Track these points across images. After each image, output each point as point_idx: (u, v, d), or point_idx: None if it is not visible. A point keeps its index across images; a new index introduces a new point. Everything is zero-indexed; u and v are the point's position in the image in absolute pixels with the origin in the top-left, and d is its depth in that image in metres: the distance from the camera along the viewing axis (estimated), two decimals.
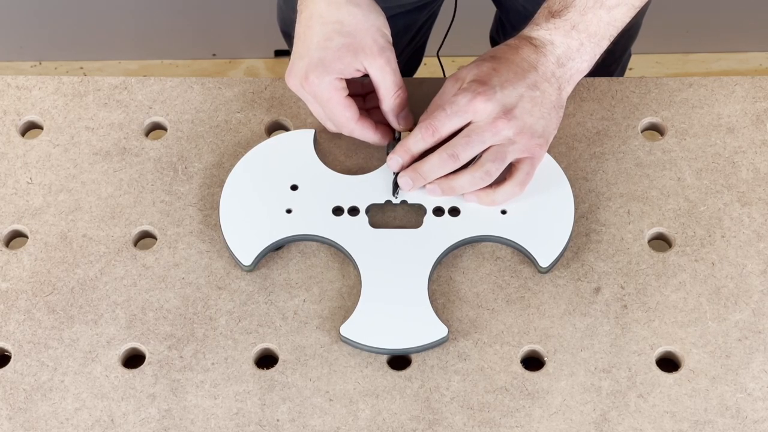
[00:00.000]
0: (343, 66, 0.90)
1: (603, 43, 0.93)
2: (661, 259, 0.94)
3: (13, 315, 0.92)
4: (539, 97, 0.91)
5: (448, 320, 0.91)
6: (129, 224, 0.96)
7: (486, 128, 0.90)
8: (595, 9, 0.91)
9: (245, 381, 0.89)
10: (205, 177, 0.99)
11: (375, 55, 0.91)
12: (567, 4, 0.92)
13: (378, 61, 0.91)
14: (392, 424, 0.87)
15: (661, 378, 0.88)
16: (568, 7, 0.92)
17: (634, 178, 0.98)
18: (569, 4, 0.92)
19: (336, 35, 0.90)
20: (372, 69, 0.91)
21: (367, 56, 0.90)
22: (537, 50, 0.92)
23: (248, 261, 0.93)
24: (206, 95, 1.03)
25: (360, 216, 0.95)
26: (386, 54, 0.91)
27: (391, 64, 0.92)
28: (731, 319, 0.91)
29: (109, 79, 1.05)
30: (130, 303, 0.92)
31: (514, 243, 0.93)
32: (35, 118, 1.03)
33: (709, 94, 1.02)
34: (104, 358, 0.90)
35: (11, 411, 0.88)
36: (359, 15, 0.91)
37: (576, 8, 0.92)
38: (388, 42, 0.92)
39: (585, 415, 0.87)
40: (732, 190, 0.97)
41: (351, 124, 0.93)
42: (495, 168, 0.91)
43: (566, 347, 0.90)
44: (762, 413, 0.86)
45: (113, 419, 0.87)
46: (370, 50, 0.90)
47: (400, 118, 0.95)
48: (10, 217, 0.97)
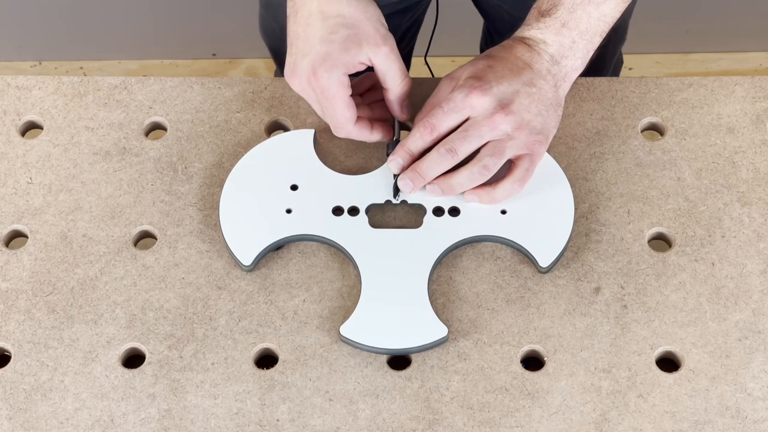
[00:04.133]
0: (349, 58, 0.90)
1: (595, 40, 0.94)
2: (661, 259, 0.94)
3: (13, 315, 0.92)
4: (536, 94, 0.91)
5: (448, 320, 0.91)
6: (129, 224, 0.96)
7: (483, 123, 0.90)
8: (583, 5, 0.92)
9: (245, 381, 0.89)
10: (205, 177, 0.99)
11: (379, 43, 0.91)
12: (556, 2, 0.93)
13: (383, 49, 0.91)
14: (392, 424, 0.87)
15: (661, 378, 0.88)
16: (557, 6, 0.93)
17: (634, 178, 0.98)
18: (558, 3, 0.92)
19: (340, 28, 0.90)
20: (377, 58, 0.91)
21: (372, 45, 0.90)
22: (530, 49, 0.93)
23: (248, 261, 0.93)
24: (206, 95, 1.03)
25: (360, 216, 0.95)
26: (389, 42, 0.92)
27: (394, 52, 0.92)
28: (731, 319, 0.91)
29: (109, 79, 1.05)
30: (130, 303, 0.92)
31: (514, 243, 0.93)
32: (35, 118, 1.03)
33: (709, 94, 1.02)
34: (104, 358, 0.90)
35: (11, 411, 0.88)
36: (359, 6, 0.91)
37: (564, 6, 0.92)
38: (387, 30, 0.92)
39: (585, 415, 0.87)
40: (732, 190, 0.97)
41: (349, 125, 0.93)
42: (493, 162, 0.91)
43: (566, 347, 0.90)
44: (762, 413, 0.86)
45: (113, 419, 0.87)
46: (374, 39, 0.91)
47: (404, 107, 0.95)
48: (10, 217, 0.97)
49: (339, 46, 0.90)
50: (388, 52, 0.91)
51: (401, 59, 0.93)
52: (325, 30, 0.91)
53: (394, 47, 0.92)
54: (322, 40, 0.90)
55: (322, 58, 0.90)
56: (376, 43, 0.91)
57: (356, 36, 0.90)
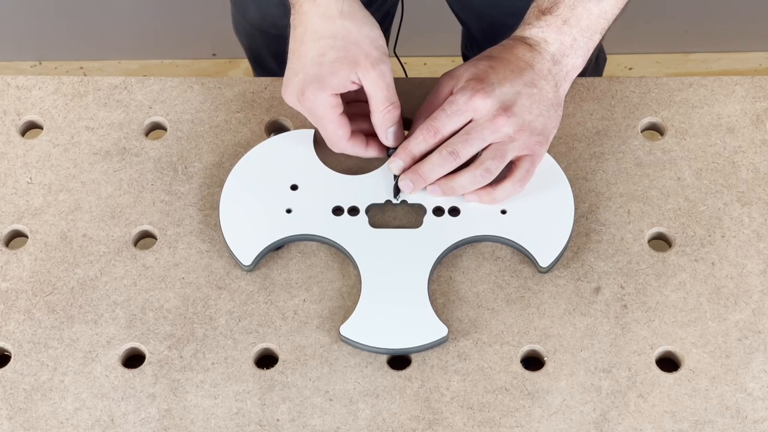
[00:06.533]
0: (338, 80, 0.89)
1: (595, 37, 0.94)
2: (661, 259, 0.94)
3: (13, 315, 0.92)
4: (537, 95, 0.91)
5: (448, 320, 0.91)
6: (129, 224, 0.96)
7: (486, 125, 0.90)
8: (584, 2, 0.92)
9: (245, 381, 0.89)
10: (205, 177, 0.99)
11: (368, 68, 0.90)
12: (556, 0, 0.92)
13: (371, 74, 0.90)
14: (392, 424, 0.87)
15: (661, 378, 0.88)
16: (558, 4, 0.92)
17: (634, 178, 0.98)
18: (558, 1, 0.92)
19: (330, 50, 0.90)
20: (365, 81, 0.90)
21: (361, 69, 0.89)
22: (531, 49, 0.93)
23: (248, 261, 0.93)
24: (206, 95, 1.03)
25: (360, 216, 0.95)
26: (380, 68, 0.90)
27: (384, 79, 0.90)
28: (731, 319, 0.91)
29: (109, 79, 1.05)
30: (130, 303, 0.92)
31: (514, 243, 0.93)
32: (35, 118, 1.03)
33: (709, 94, 1.02)
34: (104, 357, 0.90)
35: (11, 411, 0.88)
36: (353, 28, 0.90)
37: (565, 3, 0.92)
38: (384, 54, 0.91)
39: (585, 415, 0.87)
40: (732, 189, 0.97)
41: (342, 142, 0.93)
42: (495, 165, 0.91)
43: (566, 347, 0.90)
44: (762, 413, 0.86)
45: (113, 419, 0.87)
46: (364, 63, 0.89)
47: (389, 133, 0.93)
48: (10, 217, 0.97)
49: (328, 68, 0.89)
50: (375, 78, 0.90)
51: (392, 86, 0.91)
52: (316, 51, 0.90)
53: (385, 72, 0.90)
54: (313, 61, 0.90)
55: (310, 79, 0.90)
56: (365, 68, 0.89)
57: (346, 59, 0.89)
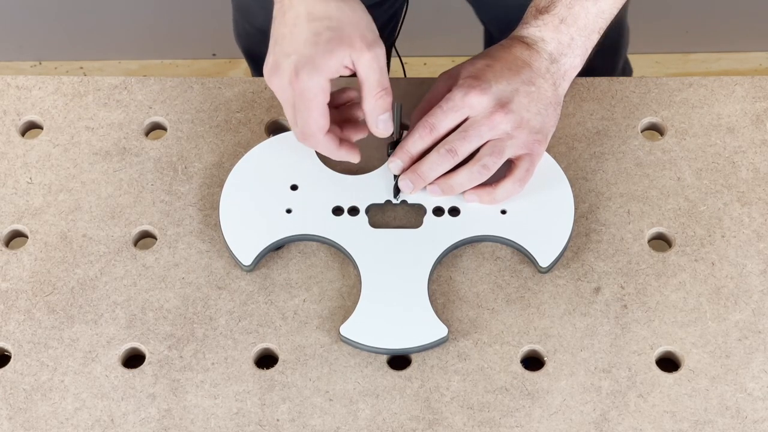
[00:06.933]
0: (333, 62, 0.87)
1: (593, 37, 0.94)
2: (661, 259, 0.94)
3: (13, 315, 0.92)
4: (535, 93, 0.91)
5: (448, 320, 0.91)
6: (129, 224, 0.96)
7: (483, 122, 0.90)
8: (581, 1, 0.92)
9: (245, 381, 0.89)
10: (205, 177, 0.99)
11: (363, 49, 0.87)
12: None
13: (365, 56, 0.87)
14: (392, 424, 0.87)
15: (661, 378, 0.88)
16: (555, 3, 0.93)
17: (634, 178, 0.98)
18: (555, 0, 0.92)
19: (325, 30, 0.87)
20: (359, 64, 0.88)
21: (356, 50, 0.87)
22: (529, 48, 0.93)
23: (248, 261, 0.93)
24: (206, 95, 1.03)
25: (360, 216, 0.95)
26: (375, 50, 0.88)
27: (378, 62, 0.88)
28: (731, 319, 0.91)
29: (109, 79, 1.05)
30: (130, 303, 0.92)
31: (514, 243, 0.93)
32: (35, 118, 1.03)
33: (709, 94, 1.02)
34: (104, 358, 0.90)
35: (11, 411, 0.88)
36: (347, 10, 0.88)
37: (562, 2, 0.92)
38: (378, 38, 0.89)
39: (585, 415, 0.87)
40: (732, 190, 0.97)
41: (320, 134, 0.90)
42: (492, 162, 0.90)
43: (566, 347, 0.90)
44: (762, 413, 0.86)
45: (113, 419, 0.87)
46: (359, 44, 0.87)
47: (380, 121, 0.90)
48: (10, 217, 0.97)
49: (323, 48, 0.87)
50: (370, 60, 0.88)
51: (385, 71, 0.89)
52: (311, 32, 0.88)
53: (380, 56, 0.88)
54: (307, 41, 0.88)
55: (305, 60, 0.87)
56: (360, 49, 0.87)
57: (341, 39, 0.87)
